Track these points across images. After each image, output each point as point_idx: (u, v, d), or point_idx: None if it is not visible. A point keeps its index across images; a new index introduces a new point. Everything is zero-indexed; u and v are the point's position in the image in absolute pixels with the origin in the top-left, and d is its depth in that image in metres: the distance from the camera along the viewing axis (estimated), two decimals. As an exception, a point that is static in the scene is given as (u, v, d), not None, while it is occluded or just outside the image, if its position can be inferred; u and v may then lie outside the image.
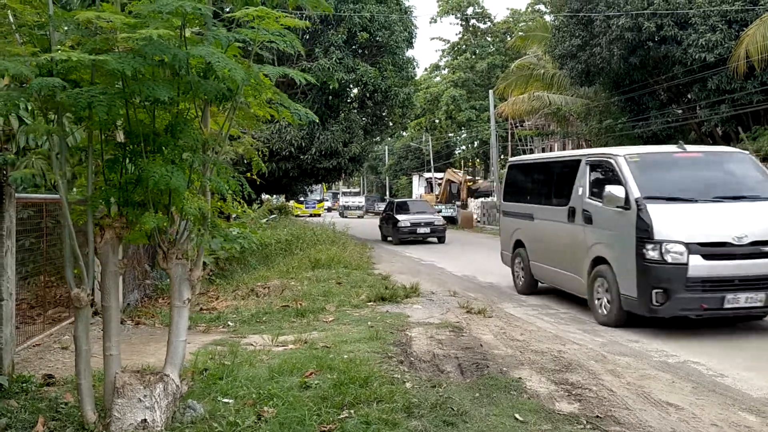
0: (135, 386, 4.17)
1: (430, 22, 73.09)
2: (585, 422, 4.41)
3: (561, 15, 24.47)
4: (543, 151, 44.82)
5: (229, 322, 8.16)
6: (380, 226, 25.71)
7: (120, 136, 4.42)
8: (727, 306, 6.98)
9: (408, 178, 66.96)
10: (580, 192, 8.77)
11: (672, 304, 7.02)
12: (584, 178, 8.76)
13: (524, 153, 44.68)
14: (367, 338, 6.94)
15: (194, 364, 5.63)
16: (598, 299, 8.13)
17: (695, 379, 5.58)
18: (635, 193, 7.54)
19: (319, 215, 54.63)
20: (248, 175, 6.37)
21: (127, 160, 4.25)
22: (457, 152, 63.08)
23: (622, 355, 6.46)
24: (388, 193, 75.28)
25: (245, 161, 20.32)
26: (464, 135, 56.66)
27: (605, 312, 7.98)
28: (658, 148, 10.11)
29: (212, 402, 4.69)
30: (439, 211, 33.40)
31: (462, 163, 61.25)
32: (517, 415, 4.50)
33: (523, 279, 10.76)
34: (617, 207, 7.70)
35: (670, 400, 4.95)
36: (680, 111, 24.63)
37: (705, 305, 7.00)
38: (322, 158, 21.96)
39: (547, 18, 34.34)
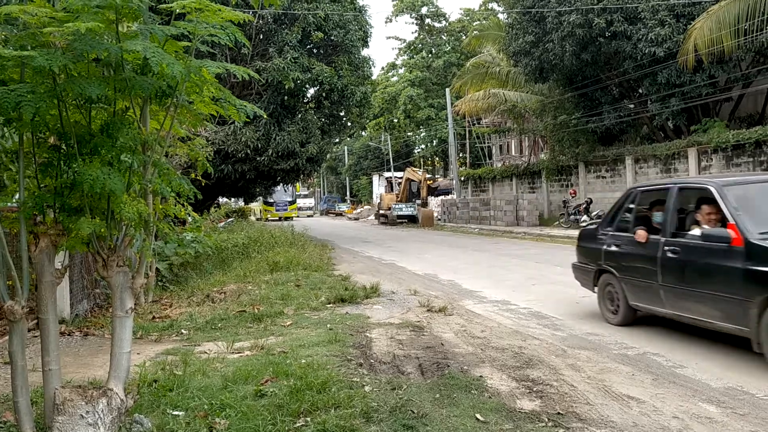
0: (76, 402, 3.94)
1: (386, 22, 73.24)
2: (547, 420, 4.33)
3: (513, 12, 24.64)
4: (501, 148, 45.23)
5: (183, 330, 7.89)
6: (597, 270, 7.98)
7: (54, 139, 4.18)
8: None
9: (368, 177, 66.92)
10: None
11: None
12: None
13: (482, 150, 44.99)
14: (325, 341, 6.78)
15: (143, 375, 5.38)
16: None
17: (655, 371, 5.57)
18: None
19: (291, 219, 51.87)
20: (192, 175, 6.15)
21: (63, 164, 4.02)
22: (416, 151, 63.33)
23: (582, 348, 6.43)
24: (348, 193, 75.13)
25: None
26: (423, 134, 56.85)
27: None
28: None
29: (161, 415, 4.47)
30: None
31: (422, 162, 61.48)
32: (478, 416, 4.40)
33: None
34: None
35: (631, 393, 4.92)
36: (632, 105, 25.05)
37: None
38: (279, 159, 21.66)
39: (501, 17, 34.62)
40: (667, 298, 6.60)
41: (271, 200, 50.74)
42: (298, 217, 56.13)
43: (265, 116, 4.30)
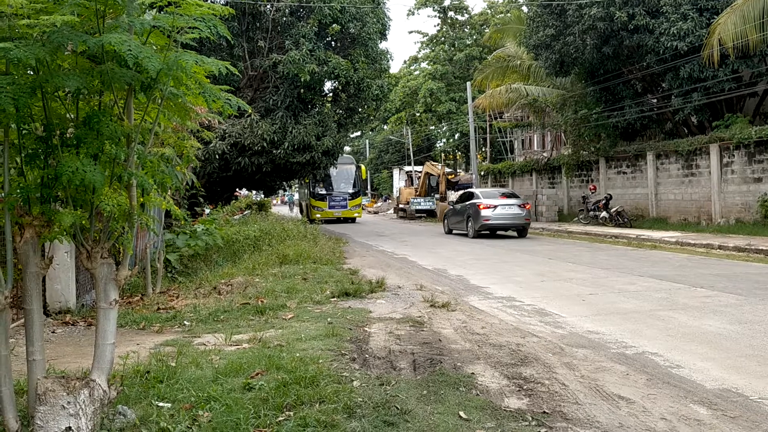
0: (58, 392, 3.96)
1: (408, 15, 72.79)
2: (531, 418, 4.26)
3: (534, 4, 24.36)
4: (522, 142, 44.88)
5: (186, 322, 7.93)
6: None
7: (41, 130, 4.21)
8: None
9: (389, 171, 66.84)
10: None
11: None
12: None
13: (504, 145, 44.68)
14: (323, 335, 6.76)
15: (136, 366, 5.42)
16: None
17: (650, 370, 5.46)
18: None
19: (353, 220, 35.91)
20: (177, 168, 6.16)
21: (46, 155, 4.04)
22: (438, 145, 63.04)
23: (580, 347, 6.33)
24: (369, 187, 75.11)
25: (217, 156, 20.03)
26: (444, 128, 56.50)
27: None
28: None
29: (147, 407, 4.49)
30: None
31: (443, 156, 61.20)
32: (461, 413, 4.34)
33: None
34: None
35: (622, 393, 4.83)
36: (655, 100, 24.63)
37: None
38: (295, 152, 21.66)
39: (524, 9, 34.23)
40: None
41: (323, 191, 34.98)
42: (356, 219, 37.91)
43: (249, 109, 4.28)
